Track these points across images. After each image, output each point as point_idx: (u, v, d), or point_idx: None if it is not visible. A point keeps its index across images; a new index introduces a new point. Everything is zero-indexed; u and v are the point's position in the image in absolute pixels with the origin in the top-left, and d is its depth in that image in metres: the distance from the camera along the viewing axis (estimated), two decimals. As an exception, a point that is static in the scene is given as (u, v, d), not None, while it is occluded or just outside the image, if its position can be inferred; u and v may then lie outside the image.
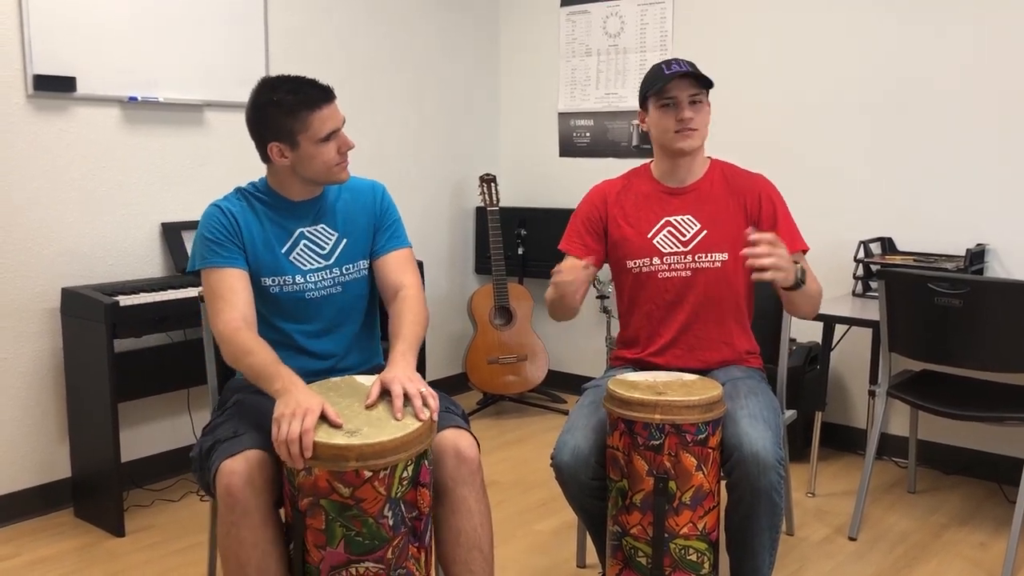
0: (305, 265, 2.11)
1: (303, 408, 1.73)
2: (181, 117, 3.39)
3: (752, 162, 2.63)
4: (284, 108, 2.00)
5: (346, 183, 2.21)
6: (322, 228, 2.15)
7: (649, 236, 2.38)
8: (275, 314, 2.12)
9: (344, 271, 2.16)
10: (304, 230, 2.13)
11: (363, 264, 2.20)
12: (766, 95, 3.88)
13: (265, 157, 2.09)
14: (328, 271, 2.14)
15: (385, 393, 1.85)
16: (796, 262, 2.16)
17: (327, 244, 2.15)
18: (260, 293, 2.09)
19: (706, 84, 2.30)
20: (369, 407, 1.82)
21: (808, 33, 3.75)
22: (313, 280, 2.12)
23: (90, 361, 2.94)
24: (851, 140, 3.68)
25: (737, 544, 2.18)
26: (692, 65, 2.31)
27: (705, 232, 2.36)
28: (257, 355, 1.93)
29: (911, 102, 3.53)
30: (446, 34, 4.43)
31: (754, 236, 2.05)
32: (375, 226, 2.21)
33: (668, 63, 2.32)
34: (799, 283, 2.15)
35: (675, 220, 2.38)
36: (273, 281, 2.09)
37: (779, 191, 2.42)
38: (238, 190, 2.15)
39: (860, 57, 3.62)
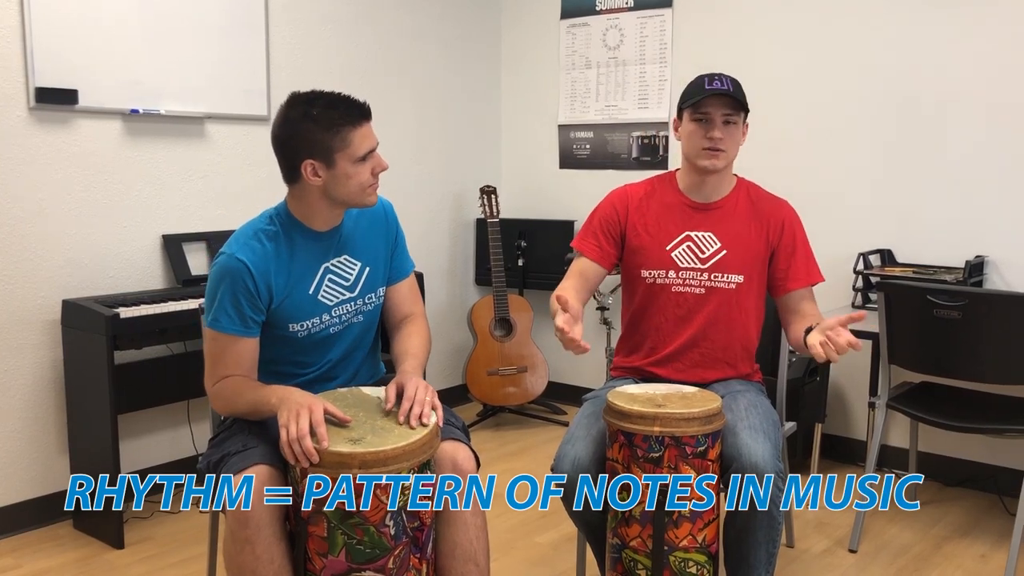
0: (331, 300, 2.06)
1: (306, 406, 1.76)
2: (182, 129, 3.41)
3: (751, 174, 2.63)
4: (322, 124, 1.90)
5: None
6: (345, 259, 2.08)
7: (668, 248, 2.37)
8: (299, 353, 2.08)
9: (366, 300, 2.12)
10: (328, 264, 2.05)
11: (382, 291, 2.17)
12: (765, 107, 3.89)
13: (292, 177, 1.97)
14: (352, 303, 2.09)
15: (398, 400, 1.88)
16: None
17: (351, 275, 2.09)
18: (286, 339, 2.04)
19: (743, 107, 2.27)
20: (388, 413, 1.86)
21: (807, 46, 3.76)
22: (338, 314, 2.07)
23: (90, 373, 2.95)
24: (851, 152, 3.69)
25: (735, 556, 2.17)
26: (736, 84, 2.29)
27: (724, 252, 2.35)
28: (246, 390, 1.94)
29: (911, 114, 3.54)
30: (447, 46, 4.45)
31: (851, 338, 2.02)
32: (391, 249, 2.18)
33: (711, 77, 2.28)
34: None
35: (696, 236, 2.36)
36: (301, 327, 2.03)
37: (800, 220, 2.41)
38: (259, 232, 1.99)
39: (860, 69, 3.64)
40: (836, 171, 3.73)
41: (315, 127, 1.90)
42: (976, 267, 3.29)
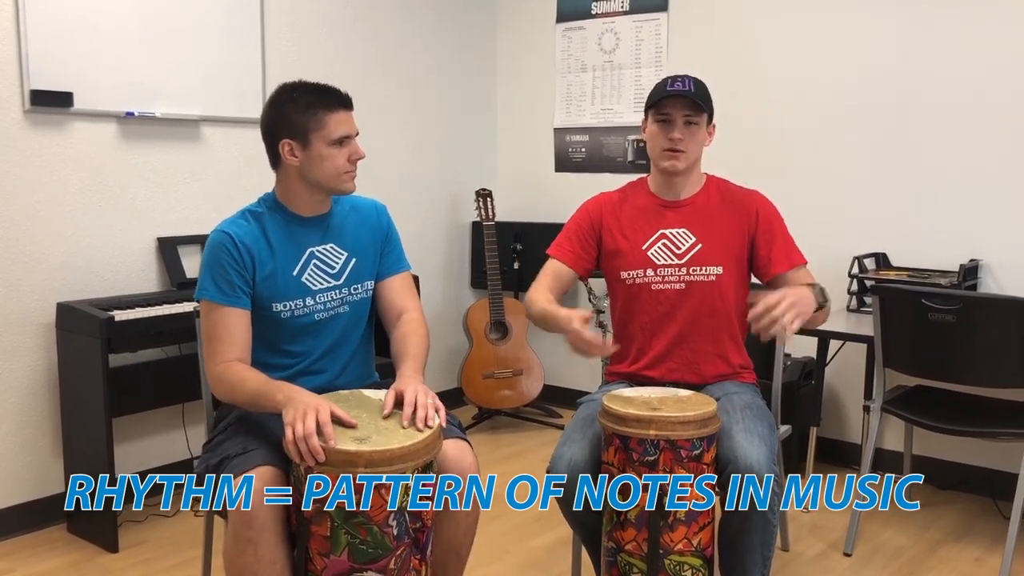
0: (315, 285, 2.10)
1: (313, 407, 1.76)
2: (178, 132, 3.40)
3: (747, 177, 2.64)
4: (301, 105, 2.00)
5: (349, 202, 2.21)
6: (331, 247, 2.13)
7: (644, 248, 2.39)
8: (284, 339, 2.10)
9: (352, 291, 2.15)
10: (314, 249, 2.11)
11: (370, 285, 2.19)
12: (761, 111, 3.90)
13: (274, 160, 2.06)
14: (337, 291, 2.13)
15: (398, 407, 1.88)
16: (812, 284, 2.18)
17: (337, 263, 2.13)
18: (271, 320, 2.07)
19: (704, 108, 2.30)
20: (386, 417, 1.85)
21: (804, 49, 3.77)
22: (322, 301, 2.11)
23: (85, 376, 2.94)
24: (846, 155, 3.70)
25: (730, 560, 2.17)
26: (698, 85, 2.31)
27: (700, 246, 2.37)
28: (250, 380, 1.94)
29: (905, 118, 3.55)
30: (443, 50, 4.45)
31: (758, 308, 1.97)
32: (381, 247, 2.21)
33: (673, 79, 2.31)
34: (823, 303, 2.16)
35: (670, 233, 2.39)
36: (284, 307, 2.07)
37: (775, 207, 2.43)
38: (246, 211, 2.10)
39: (855, 73, 3.65)
40: (831, 174, 3.74)
41: (294, 108, 2.01)
42: (971, 271, 3.30)
